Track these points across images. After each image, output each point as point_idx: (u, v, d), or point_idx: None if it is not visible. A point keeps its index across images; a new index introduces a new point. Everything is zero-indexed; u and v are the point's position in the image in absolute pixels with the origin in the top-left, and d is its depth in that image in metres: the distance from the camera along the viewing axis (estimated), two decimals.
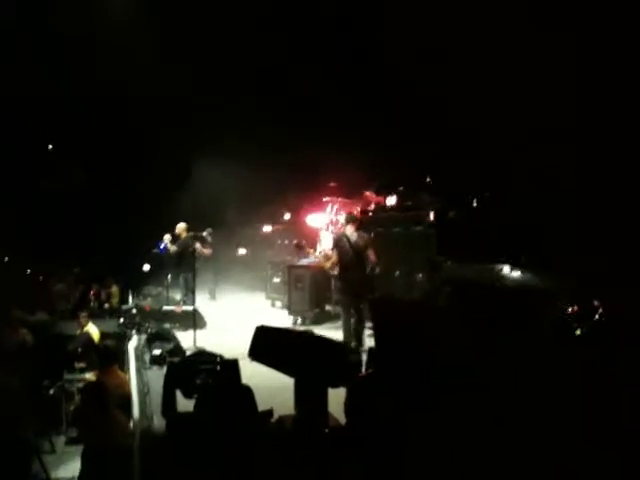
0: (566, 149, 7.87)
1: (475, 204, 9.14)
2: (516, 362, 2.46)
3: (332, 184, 14.15)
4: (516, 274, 6.02)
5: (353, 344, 8.48)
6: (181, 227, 12.53)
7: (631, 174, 7.10)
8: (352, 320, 8.86)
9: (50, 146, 19.90)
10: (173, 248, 12.37)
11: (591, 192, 7.23)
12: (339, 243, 9.34)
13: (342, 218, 12.68)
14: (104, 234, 16.51)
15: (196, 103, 15.81)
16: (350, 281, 9.00)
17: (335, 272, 9.53)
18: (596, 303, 4.49)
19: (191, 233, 11.30)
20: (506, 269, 6.16)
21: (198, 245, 12.08)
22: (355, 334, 8.75)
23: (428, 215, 9.09)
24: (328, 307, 11.24)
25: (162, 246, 12.92)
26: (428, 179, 10.96)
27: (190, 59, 14.67)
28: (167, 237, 12.69)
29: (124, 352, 8.69)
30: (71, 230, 16.74)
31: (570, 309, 4.28)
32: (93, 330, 9.88)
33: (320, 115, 14.11)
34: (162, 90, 14.80)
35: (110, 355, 6.82)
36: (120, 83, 14.44)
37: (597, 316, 4.49)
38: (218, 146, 15.60)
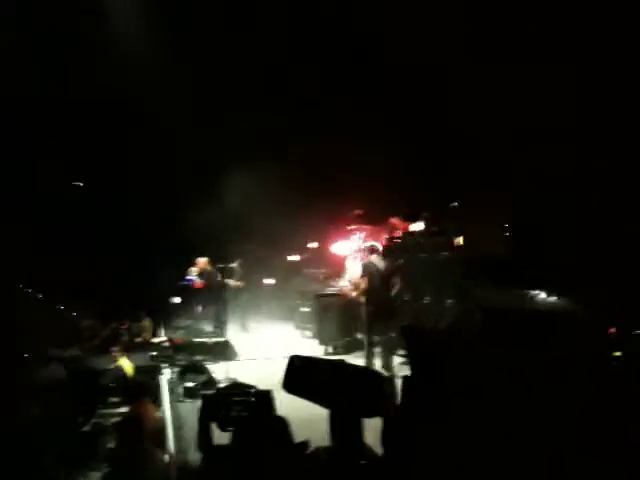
0: (600, 175, 7.81)
1: (502, 229, 9.09)
2: (554, 389, 2.43)
3: (357, 212, 14.22)
4: (549, 298, 5.96)
5: (380, 370, 8.63)
6: (203, 261, 12.81)
7: None
8: (377, 346, 9.21)
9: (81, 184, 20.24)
10: (199, 282, 12.59)
11: (625, 213, 7.15)
12: (368, 270, 9.58)
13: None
14: (134, 268, 16.69)
15: (219, 135, 16.07)
16: (379, 307, 9.32)
17: (363, 299, 9.61)
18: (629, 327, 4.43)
19: (220, 265, 11.44)
20: (538, 294, 6.09)
21: (232, 281, 12.32)
22: (385, 360, 9.08)
23: (455, 240, 9.05)
24: (359, 335, 11.19)
25: (190, 278, 13.12)
26: (455, 204, 10.94)
27: (214, 79, 14.84)
28: (194, 270, 12.88)
29: (157, 386, 8.73)
30: (101, 265, 16.96)
31: (608, 331, 4.23)
32: (126, 364, 9.95)
33: (345, 143, 14.20)
34: (188, 118, 15.05)
35: (141, 389, 6.86)
36: (142, 112, 14.71)
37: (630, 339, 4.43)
38: (244, 177, 15.77)
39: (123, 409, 7.99)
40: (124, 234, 17.87)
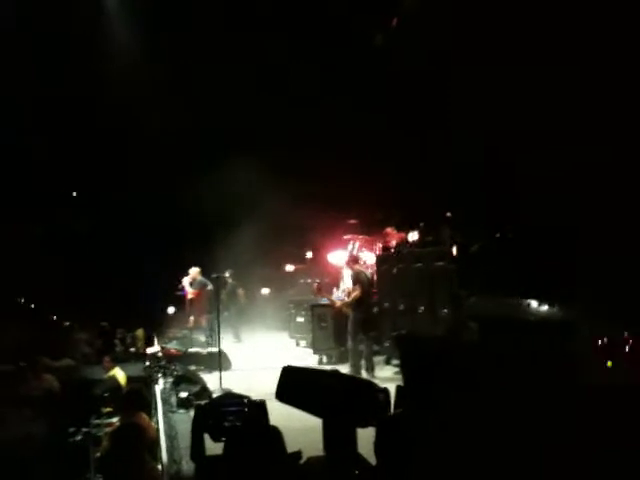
0: (591, 179, 7.82)
1: (497, 238, 9.12)
2: (547, 399, 2.42)
3: (352, 221, 14.24)
4: (542, 308, 5.96)
5: (364, 373, 9.52)
6: (195, 271, 12.87)
7: None
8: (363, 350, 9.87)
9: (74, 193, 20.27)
10: (190, 291, 12.66)
11: (619, 222, 7.16)
12: (360, 278, 10.09)
13: (363, 255, 12.79)
14: (127, 278, 16.67)
15: (212, 144, 16.11)
16: (368, 314, 10.07)
17: (349, 310, 10.03)
18: (626, 334, 4.43)
19: (213, 275, 11.42)
20: (532, 303, 6.10)
21: (240, 290, 12.45)
22: (368, 362, 9.81)
23: (450, 250, 9.07)
24: None
25: (185, 288, 13.15)
26: (448, 214, 10.97)
27: (214, 91, 14.90)
28: (186, 280, 12.91)
29: (151, 396, 8.69)
30: (94, 274, 16.93)
31: (600, 342, 4.22)
32: (119, 374, 9.91)
33: (339, 152, 14.22)
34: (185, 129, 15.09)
35: (135, 399, 6.80)
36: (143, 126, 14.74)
37: (627, 348, 4.43)
38: (238, 186, 15.78)
39: (116, 419, 7.96)
40: (120, 245, 17.87)
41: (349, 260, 11.01)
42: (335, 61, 13.46)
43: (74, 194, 20.17)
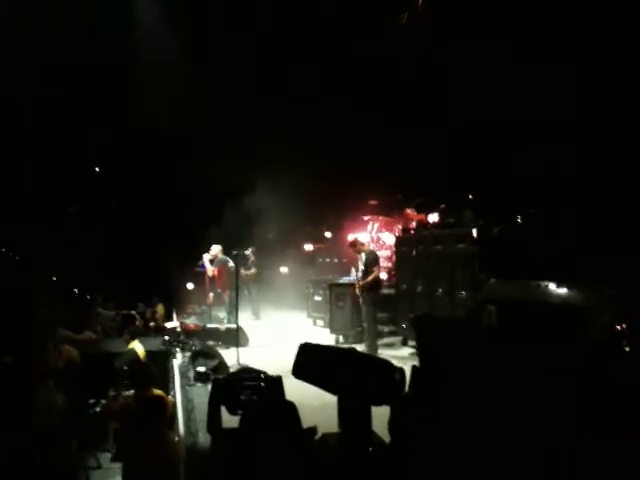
0: (613, 162, 7.71)
1: (519, 221, 9.02)
2: (562, 384, 2.40)
3: (372, 202, 14.18)
4: (561, 291, 5.91)
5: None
6: (216, 249, 12.88)
7: None
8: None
9: (97, 169, 20.42)
10: (211, 269, 12.71)
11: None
12: (378, 260, 10.38)
13: (383, 236, 12.75)
14: (148, 254, 16.81)
15: (236, 127, 16.13)
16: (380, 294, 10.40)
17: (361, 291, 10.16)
18: None
19: (233, 252, 11.46)
20: (551, 286, 6.04)
21: (242, 270, 12.43)
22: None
23: (470, 232, 8.98)
24: None
25: (203, 264, 13.22)
26: (470, 196, 10.87)
27: (231, 83, 14.95)
28: (206, 256, 12.97)
29: (169, 369, 8.81)
30: (116, 250, 17.10)
31: (619, 326, 4.18)
32: (139, 348, 10.03)
33: (361, 133, 14.14)
34: (205, 114, 15.13)
35: (141, 375, 6.75)
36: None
37: None
38: (260, 167, 15.81)
39: (132, 392, 8.08)
40: (139, 221, 18.02)
41: (356, 242, 10.71)
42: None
43: (97, 170, 20.30)
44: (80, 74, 14.72)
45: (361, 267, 10.18)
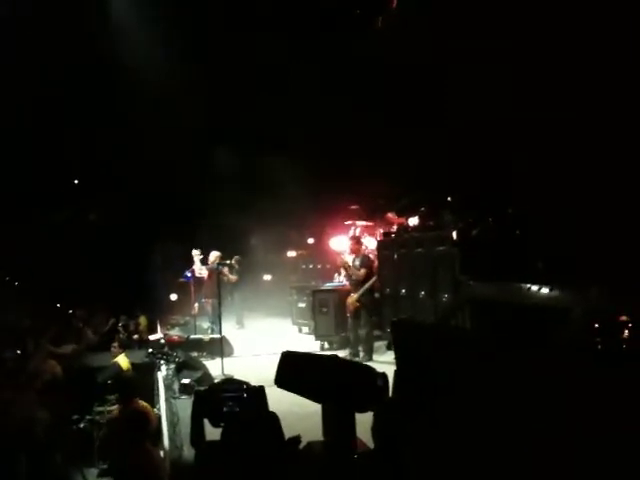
0: (592, 163, 7.77)
1: (498, 222, 9.07)
2: (539, 384, 2.41)
3: (353, 207, 14.19)
4: (539, 291, 5.94)
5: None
6: (215, 255, 12.89)
7: None
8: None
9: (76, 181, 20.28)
10: (201, 270, 12.73)
11: (620, 206, 7.11)
12: (373, 264, 10.53)
13: (365, 241, 12.78)
14: (130, 265, 16.70)
15: (216, 134, 16.10)
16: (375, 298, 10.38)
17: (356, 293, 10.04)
18: (624, 318, 4.41)
19: (219, 260, 11.46)
20: (529, 287, 6.07)
21: (226, 269, 12.40)
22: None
23: (450, 234, 9.03)
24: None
25: (189, 275, 13.18)
26: (449, 198, 10.92)
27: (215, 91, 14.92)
28: (197, 259, 13.00)
29: (153, 382, 8.73)
30: (97, 262, 16.96)
31: (594, 325, 4.21)
32: (122, 360, 9.94)
33: (341, 138, 14.16)
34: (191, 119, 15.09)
35: (124, 389, 6.67)
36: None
37: (626, 332, 4.41)
38: (240, 173, 15.79)
39: (117, 406, 8.01)
40: (124, 232, 17.91)
41: (353, 243, 10.82)
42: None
43: (75, 182, 20.14)
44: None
45: (355, 271, 10.16)
